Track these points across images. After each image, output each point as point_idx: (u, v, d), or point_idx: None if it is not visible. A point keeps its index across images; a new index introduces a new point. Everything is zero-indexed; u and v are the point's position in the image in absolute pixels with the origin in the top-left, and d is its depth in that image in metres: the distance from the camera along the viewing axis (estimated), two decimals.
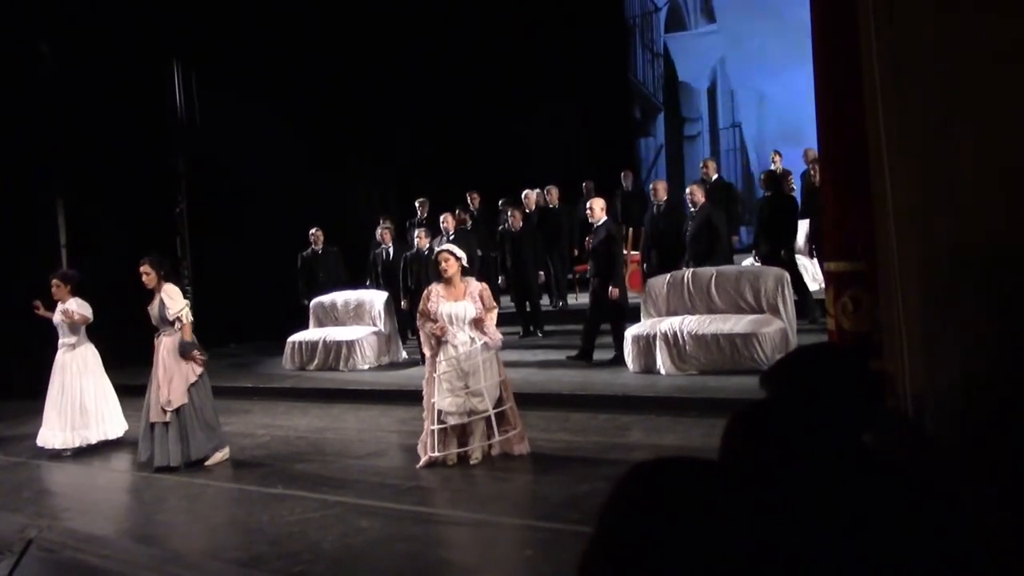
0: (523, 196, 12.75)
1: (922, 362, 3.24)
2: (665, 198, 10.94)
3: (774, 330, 8.72)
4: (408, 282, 11.54)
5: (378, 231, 12.52)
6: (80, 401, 8.42)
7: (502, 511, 5.92)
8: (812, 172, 10.38)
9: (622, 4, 17.86)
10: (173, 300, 7.61)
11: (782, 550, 1.17)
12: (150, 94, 13.39)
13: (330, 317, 12.20)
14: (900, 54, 3.23)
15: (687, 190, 10.69)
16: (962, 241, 3.05)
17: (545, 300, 12.84)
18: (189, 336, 7.60)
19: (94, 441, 8.45)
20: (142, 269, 7.67)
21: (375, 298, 11.88)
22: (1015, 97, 2.99)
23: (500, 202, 13.01)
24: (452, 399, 6.79)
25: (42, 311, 8.70)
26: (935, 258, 3.13)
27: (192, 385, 7.57)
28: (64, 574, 5.58)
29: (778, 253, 10.34)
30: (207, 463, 7.56)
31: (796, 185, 12.33)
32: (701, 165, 12.77)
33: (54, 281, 8.51)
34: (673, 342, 9.00)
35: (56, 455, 8.33)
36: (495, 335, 6.97)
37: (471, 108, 15.58)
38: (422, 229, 11.63)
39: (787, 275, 9.28)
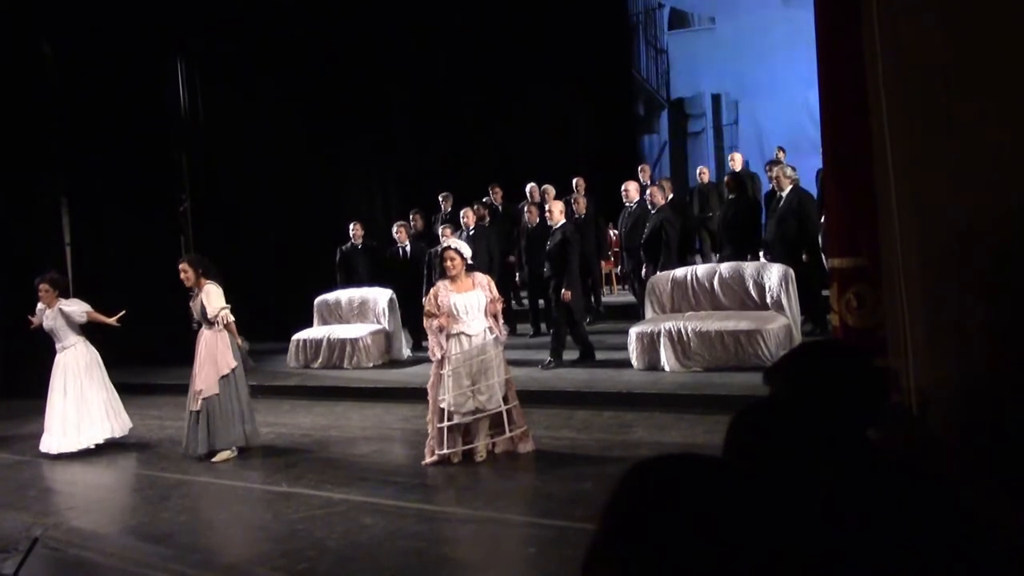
0: (543, 191, 12.51)
1: (926, 358, 3.23)
2: (637, 199, 10.75)
3: (778, 326, 8.72)
4: (433, 279, 11.26)
5: (394, 228, 12.18)
6: (85, 402, 8.38)
7: (506, 508, 5.93)
8: (769, 176, 10.55)
9: (625, 0, 17.83)
10: (211, 303, 7.80)
11: (786, 546, 1.16)
12: (153, 92, 13.39)
13: (334, 315, 12.21)
14: (904, 50, 3.22)
15: (647, 192, 10.48)
16: (966, 237, 3.04)
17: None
18: (236, 333, 7.87)
19: (101, 440, 8.42)
20: (180, 267, 7.91)
21: (379, 296, 11.86)
22: (1020, 92, 2.98)
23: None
24: (459, 397, 6.79)
25: (36, 323, 8.64)
26: (939, 254, 3.12)
27: (223, 377, 7.71)
28: (69, 572, 5.59)
29: (743, 257, 10.27)
30: (214, 459, 7.61)
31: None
32: (729, 158, 13.03)
33: (42, 286, 8.45)
34: (677, 339, 9.00)
35: (61, 456, 8.29)
36: (503, 328, 7.12)
37: (474, 104, 15.57)
38: (446, 226, 11.29)
39: (792, 271, 9.27)
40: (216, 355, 7.75)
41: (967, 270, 3.04)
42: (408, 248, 12.04)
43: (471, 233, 11.20)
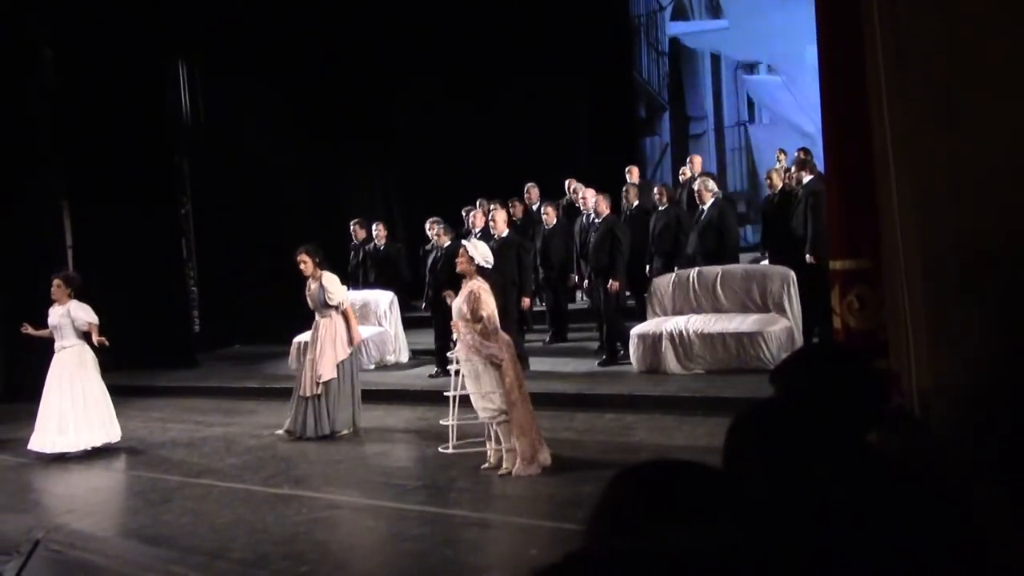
0: (575, 191, 12.03)
1: (928, 361, 3.22)
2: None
3: (780, 329, 8.72)
4: (427, 279, 10.83)
5: (427, 226, 11.22)
6: (85, 403, 8.34)
7: (508, 510, 5.93)
8: (693, 187, 10.58)
9: (627, 2, 17.82)
10: (333, 291, 8.42)
11: (785, 550, 1.16)
12: (154, 95, 13.37)
13: None
14: (905, 50, 3.21)
15: (593, 200, 10.28)
16: (968, 238, 3.03)
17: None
18: (353, 318, 8.54)
19: (99, 444, 8.39)
20: (299, 258, 8.44)
21: (380, 298, 11.85)
22: (1022, 92, 2.97)
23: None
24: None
25: (32, 331, 8.68)
26: (941, 255, 3.11)
27: (341, 362, 8.32)
28: (71, 575, 5.59)
29: (671, 269, 10.20)
30: (341, 433, 8.24)
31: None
32: (688, 161, 12.64)
33: (56, 281, 8.48)
34: (679, 341, 8.99)
35: (58, 458, 8.26)
36: (476, 348, 6.58)
37: (474, 106, 15.55)
38: (441, 226, 10.90)
39: (793, 274, 9.26)
40: (336, 340, 8.34)
41: (970, 271, 3.02)
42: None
43: (477, 236, 10.98)
